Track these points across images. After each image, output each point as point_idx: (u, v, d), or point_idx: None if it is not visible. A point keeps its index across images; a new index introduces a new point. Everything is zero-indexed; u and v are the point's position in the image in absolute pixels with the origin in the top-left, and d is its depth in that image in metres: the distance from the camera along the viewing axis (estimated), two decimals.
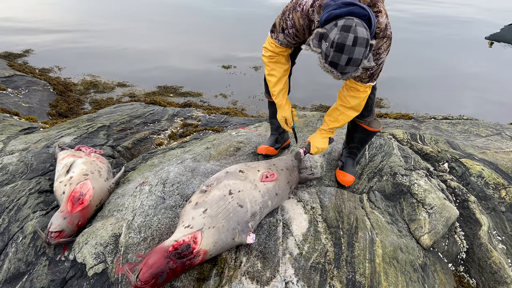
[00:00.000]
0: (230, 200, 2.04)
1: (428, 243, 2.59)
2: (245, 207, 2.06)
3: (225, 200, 2.03)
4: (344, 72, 1.83)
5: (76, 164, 2.60)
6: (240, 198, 2.07)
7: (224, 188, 2.11)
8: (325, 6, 1.87)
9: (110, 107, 5.49)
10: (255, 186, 2.21)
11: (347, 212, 2.50)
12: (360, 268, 2.08)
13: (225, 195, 2.06)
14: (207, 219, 1.92)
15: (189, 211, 1.97)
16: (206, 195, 2.06)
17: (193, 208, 1.99)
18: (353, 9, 1.78)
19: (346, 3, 1.80)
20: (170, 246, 1.74)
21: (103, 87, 7.86)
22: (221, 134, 3.64)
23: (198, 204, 2.00)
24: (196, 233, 1.85)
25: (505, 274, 2.60)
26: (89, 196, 2.35)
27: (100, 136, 3.90)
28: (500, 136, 4.45)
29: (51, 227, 2.14)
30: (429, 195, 2.89)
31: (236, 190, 2.11)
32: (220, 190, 2.09)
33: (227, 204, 2.01)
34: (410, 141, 3.92)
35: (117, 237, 2.13)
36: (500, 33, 13.95)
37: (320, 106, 7.18)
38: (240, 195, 2.10)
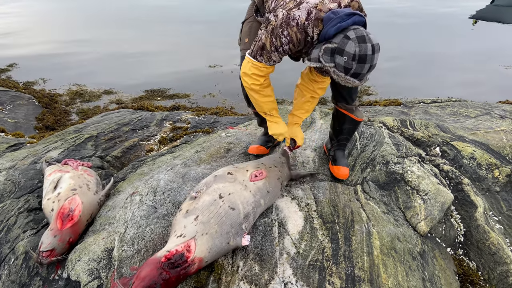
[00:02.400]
0: (221, 204, 2.00)
1: (425, 229, 2.58)
2: (237, 209, 2.03)
3: (216, 205, 1.99)
4: (363, 78, 1.90)
5: (64, 179, 2.55)
6: (231, 201, 2.04)
7: (214, 192, 2.08)
8: (327, 20, 1.89)
9: (97, 116, 5.42)
10: (245, 187, 2.18)
11: (342, 206, 2.48)
12: (359, 262, 2.06)
13: (216, 199, 2.03)
14: (199, 226, 1.88)
15: (180, 220, 1.94)
16: (196, 201, 2.03)
17: (184, 216, 1.95)
18: (355, 18, 1.86)
19: (348, 14, 1.86)
20: (163, 257, 1.71)
21: (89, 95, 7.77)
22: (210, 136, 3.59)
23: (189, 212, 1.96)
24: (189, 241, 1.82)
25: (504, 255, 2.60)
26: (79, 212, 2.30)
27: (88, 147, 3.84)
28: (489, 115, 4.46)
29: (42, 247, 2.10)
30: (423, 181, 2.88)
31: (226, 193, 2.08)
32: (210, 195, 2.05)
33: (218, 209, 1.98)
34: (400, 127, 3.91)
35: (110, 251, 2.09)
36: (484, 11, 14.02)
37: None
38: (231, 197, 2.06)
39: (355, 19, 1.86)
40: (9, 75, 8.91)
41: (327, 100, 7.02)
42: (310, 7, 1.95)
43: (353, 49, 1.79)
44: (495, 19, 12.59)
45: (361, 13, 1.97)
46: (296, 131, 2.70)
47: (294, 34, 2.02)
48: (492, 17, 12.86)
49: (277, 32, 2.05)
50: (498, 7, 14.73)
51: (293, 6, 2.00)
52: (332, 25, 1.86)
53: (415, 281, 2.13)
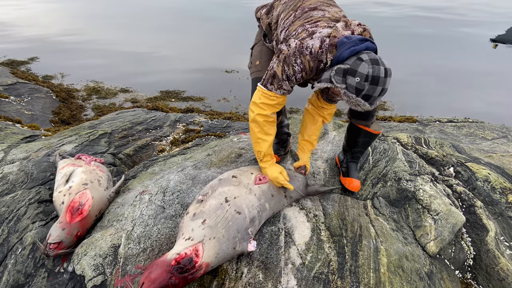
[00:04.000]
0: (227, 208, 2.00)
1: (434, 250, 2.54)
2: (243, 213, 2.02)
3: (222, 209, 1.99)
4: (373, 102, 1.90)
5: (76, 173, 2.57)
6: (237, 205, 2.04)
7: (219, 196, 2.08)
8: (340, 44, 1.93)
9: (112, 114, 5.48)
10: (250, 190, 2.18)
11: (350, 220, 2.45)
12: (365, 278, 2.03)
13: (222, 203, 2.02)
14: (207, 230, 1.88)
15: (188, 223, 1.94)
16: (203, 205, 2.03)
17: (191, 219, 1.95)
18: (368, 44, 1.92)
19: (361, 40, 1.91)
20: (173, 260, 1.70)
21: (106, 93, 7.86)
22: (222, 140, 3.60)
23: (196, 215, 1.96)
24: (197, 245, 1.81)
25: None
26: (88, 206, 2.32)
27: (101, 144, 3.87)
28: (506, 139, 4.38)
29: (50, 239, 2.11)
30: (435, 200, 2.84)
31: (232, 196, 2.08)
32: (216, 199, 2.05)
33: (225, 213, 1.97)
34: (414, 145, 3.87)
35: (116, 248, 2.09)
36: (505, 35, 13.85)
37: None
38: (237, 201, 2.06)
39: (368, 44, 1.91)
40: (29, 68, 9.08)
41: (342, 112, 6.99)
42: (323, 36, 1.99)
43: (366, 70, 1.80)
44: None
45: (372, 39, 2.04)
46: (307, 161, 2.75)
47: (307, 62, 2.03)
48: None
49: (289, 61, 2.05)
50: None
51: (306, 36, 2.03)
52: (346, 48, 1.89)
53: None
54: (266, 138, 2.33)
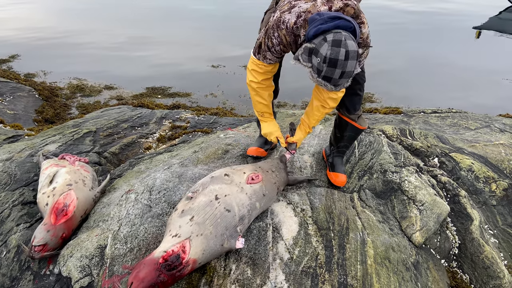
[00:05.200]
0: (217, 206, 1.99)
1: (420, 240, 2.58)
2: (233, 211, 2.02)
3: (211, 206, 1.98)
4: (337, 84, 1.88)
5: (60, 174, 2.54)
6: (227, 203, 2.04)
7: (210, 193, 2.07)
8: (311, 21, 1.90)
9: (97, 112, 5.41)
10: (241, 189, 2.17)
11: (337, 213, 2.47)
12: (352, 271, 2.05)
13: (212, 200, 2.02)
14: (194, 226, 1.87)
15: (175, 220, 1.93)
16: (192, 201, 2.02)
17: (180, 216, 1.94)
18: (339, 22, 1.82)
19: (332, 17, 1.83)
20: (160, 258, 1.70)
21: (90, 90, 7.75)
22: (209, 136, 3.59)
23: (185, 212, 1.95)
24: (184, 241, 1.81)
25: (498, 269, 2.60)
26: (73, 207, 2.29)
27: (86, 143, 3.82)
28: (489, 128, 4.45)
29: (35, 241, 2.08)
30: (420, 191, 2.88)
31: (222, 194, 2.07)
32: (206, 196, 2.04)
33: (214, 210, 1.97)
34: (399, 136, 3.90)
35: (102, 248, 2.08)
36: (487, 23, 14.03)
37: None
38: (227, 199, 2.06)
39: (339, 23, 1.82)
40: (10, 66, 8.89)
41: None
42: (301, 11, 1.99)
43: (325, 51, 1.77)
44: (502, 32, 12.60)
45: (356, 19, 1.96)
46: (300, 136, 2.69)
47: (283, 36, 2.08)
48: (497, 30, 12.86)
49: (269, 33, 2.14)
50: (503, 20, 14.74)
51: (286, 9, 2.05)
52: (313, 26, 1.86)
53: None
54: (262, 100, 2.50)
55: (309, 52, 1.86)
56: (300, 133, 2.67)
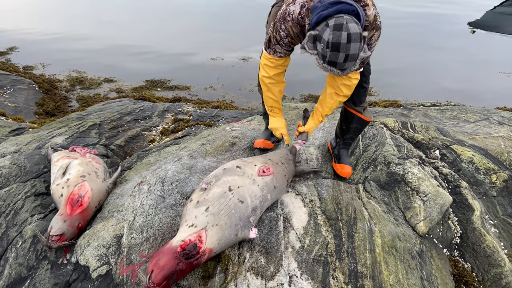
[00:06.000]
0: (230, 197, 2.05)
1: (423, 230, 2.65)
2: (246, 203, 2.08)
3: (225, 197, 2.04)
4: (343, 68, 1.88)
5: (72, 166, 2.58)
6: (240, 194, 2.09)
7: (223, 185, 2.12)
8: (313, 9, 1.92)
9: (99, 104, 5.43)
10: (253, 181, 2.23)
11: (345, 204, 2.53)
12: (361, 259, 2.12)
13: (225, 191, 2.07)
14: (210, 217, 1.93)
15: (191, 210, 1.98)
16: (207, 193, 2.07)
17: (195, 206, 2.00)
18: (340, 7, 1.83)
19: (332, 2, 1.84)
20: (178, 247, 1.75)
21: (90, 83, 7.75)
22: (215, 129, 3.63)
23: (200, 203, 2.01)
24: (201, 231, 1.86)
25: (499, 257, 2.68)
26: (88, 198, 2.34)
27: (92, 135, 3.86)
28: (488, 121, 4.53)
29: (52, 231, 2.13)
30: (423, 182, 2.94)
31: (235, 186, 2.13)
32: (220, 187, 2.10)
33: (228, 201, 2.02)
34: (401, 129, 3.97)
35: (119, 238, 2.13)
36: (482, 18, 14.10)
37: (309, 96, 7.20)
38: (240, 190, 2.11)
39: (341, 7, 1.82)
40: (8, 58, 8.85)
41: None
42: (304, 1, 2.02)
43: (327, 36, 1.78)
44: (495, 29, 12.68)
45: (359, 2, 1.95)
46: (312, 126, 2.68)
47: (290, 28, 2.12)
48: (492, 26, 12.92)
49: (276, 27, 2.18)
50: (498, 14, 14.82)
51: (291, 1, 2.10)
52: (315, 13, 1.87)
53: (414, 279, 2.20)
54: (272, 96, 2.56)
55: (313, 40, 1.88)
56: (312, 122, 2.67)
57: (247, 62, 8.81)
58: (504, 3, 16.16)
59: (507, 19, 14.18)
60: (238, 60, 8.89)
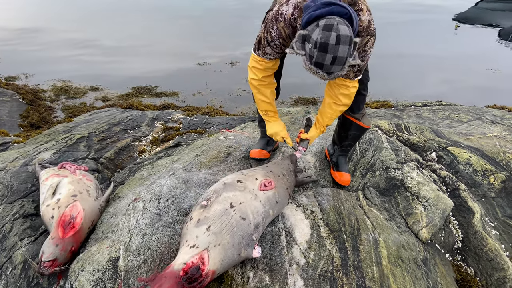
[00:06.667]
0: (232, 214, 1.97)
1: (426, 236, 2.60)
2: (248, 220, 2.00)
3: (227, 215, 1.95)
4: (330, 72, 1.81)
5: (62, 185, 2.46)
6: (242, 211, 2.01)
7: (224, 201, 2.04)
8: (305, 8, 1.86)
9: (86, 115, 5.29)
10: (255, 196, 2.15)
11: (347, 214, 2.47)
12: (369, 273, 2.06)
13: (227, 209, 1.99)
14: (212, 236, 1.84)
15: (192, 229, 1.89)
16: (207, 210, 1.98)
17: (196, 225, 1.91)
18: (333, 8, 1.76)
19: (325, 3, 1.78)
20: (180, 270, 1.66)
21: (75, 92, 7.58)
22: (208, 139, 3.54)
23: (200, 221, 1.92)
24: (203, 252, 1.78)
25: (502, 261, 2.65)
26: (81, 219, 2.23)
27: (80, 149, 3.73)
28: (481, 120, 4.53)
29: (44, 256, 2.02)
30: (423, 187, 2.90)
31: (237, 202, 2.04)
32: (221, 204, 2.01)
33: (230, 219, 1.94)
34: (396, 132, 3.94)
35: (115, 261, 2.03)
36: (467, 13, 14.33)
37: (299, 99, 7.14)
38: (242, 207, 2.03)
39: (333, 9, 1.76)
40: None
41: (318, 100, 7.02)
42: (297, 2, 1.97)
43: (316, 36, 1.72)
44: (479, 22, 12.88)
45: (353, 6, 1.91)
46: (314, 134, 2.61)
47: (282, 29, 2.07)
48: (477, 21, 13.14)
49: (268, 28, 2.12)
50: (481, 10, 15.08)
51: (284, 2, 2.05)
52: (307, 13, 1.82)
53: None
54: (264, 99, 2.47)
55: (302, 39, 1.81)
56: (315, 131, 2.60)
57: (235, 66, 8.73)
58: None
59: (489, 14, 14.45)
60: (225, 65, 8.80)
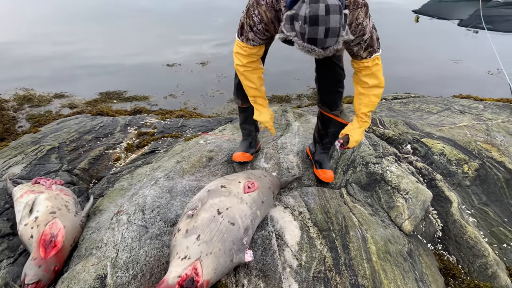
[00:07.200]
0: (221, 220, 1.93)
1: (409, 228, 2.66)
2: (237, 224, 1.97)
3: (216, 221, 1.92)
4: (325, 46, 1.74)
5: (39, 201, 2.35)
6: (230, 216, 1.98)
7: (211, 208, 2.00)
8: None
9: (53, 124, 5.08)
10: (241, 200, 2.13)
11: (334, 212, 2.49)
12: (360, 270, 2.08)
13: (215, 215, 1.95)
14: (203, 245, 1.81)
15: (181, 241, 1.85)
16: (195, 219, 1.94)
17: (184, 236, 1.86)
18: None
19: None
20: (175, 284, 1.62)
21: (39, 100, 7.26)
22: (187, 144, 3.48)
23: (189, 231, 1.88)
24: (195, 263, 1.74)
25: (482, 248, 2.74)
26: (62, 237, 2.13)
27: (52, 161, 3.58)
28: (450, 111, 4.68)
29: (27, 279, 1.92)
30: (403, 180, 2.97)
31: (224, 208, 2.02)
32: (207, 212, 1.98)
33: (219, 225, 1.91)
34: (371, 126, 4.00)
35: (102, 278, 1.95)
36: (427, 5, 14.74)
37: (272, 97, 7.11)
38: (229, 212, 2.00)
39: None
40: None
41: (291, 98, 7.05)
42: None
43: (304, 11, 1.67)
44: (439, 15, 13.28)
45: None
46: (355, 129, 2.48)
47: (264, 13, 2.04)
48: (437, 13, 13.54)
49: (249, 12, 2.09)
50: (442, 2, 15.57)
51: None
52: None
53: (410, 283, 2.19)
54: (251, 84, 2.42)
55: (290, 20, 1.76)
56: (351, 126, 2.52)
57: (206, 67, 8.61)
58: None
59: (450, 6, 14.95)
60: (196, 65, 8.67)
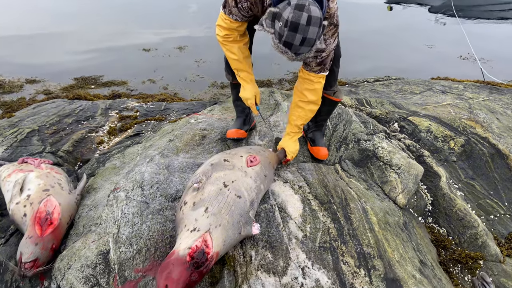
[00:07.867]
0: (227, 193, 1.91)
1: (403, 202, 2.71)
2: (243, 197, 1.95)
3: (223, 194, 1.89)
4: (298, 52, 1.82)
5: (30, 180, 2.24)
6: (236, 189, 1.96)
7: (217, 181, 1.97)
8: None
9: (28, 108, 4.87)
10: (245, 173, 2.10)
11: (332, 186, 2.50)
12: (365, 239, 2.10)
13: (221, 188, 1.92)
14: (211, 218, 1.77)
15: (189, 213, 1.81)
16: (201, 192, 1.90)
17: (192, 209, 1.82)
18: None
19: None
20: (187, 256, 1.58)
21: (10, 86, 6.94)
22: (177, 123, 3.40)
23: (196, 204, 1.84)
24: (205, 235, 1.70)
25: (472, 219, 2.82)
26: (58, 214, 2.04)
27: (34, 143, 3.43)
28: (432, 91, 4.78)
29: (23, 257, 1.83)
30: (394, 156, 3.01)
31: (229, 181, 1.99)
32: (214, 185, 1.94)
33: (226, 198, 1.88)
34: (358, 106, 4.04)
35: (105, 254, 1.89)
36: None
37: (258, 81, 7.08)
38: (235, 185, 1.98)
39: None
40: None
41: (272, 82, 7.02)
42: None
43: (287, 15, 1.73)
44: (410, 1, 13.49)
45: None
46: (287, 142, 2.60)
47: None
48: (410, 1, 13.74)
49: None
50: None
51: None
52: None
53: (411, 252, 2.24)
54: (233, 56, 2.38)
55: (272, 17, 1.80)
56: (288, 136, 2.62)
57: (184, 51, 8.44)
58: None
59: None
60: (173, 49, 8.48)
